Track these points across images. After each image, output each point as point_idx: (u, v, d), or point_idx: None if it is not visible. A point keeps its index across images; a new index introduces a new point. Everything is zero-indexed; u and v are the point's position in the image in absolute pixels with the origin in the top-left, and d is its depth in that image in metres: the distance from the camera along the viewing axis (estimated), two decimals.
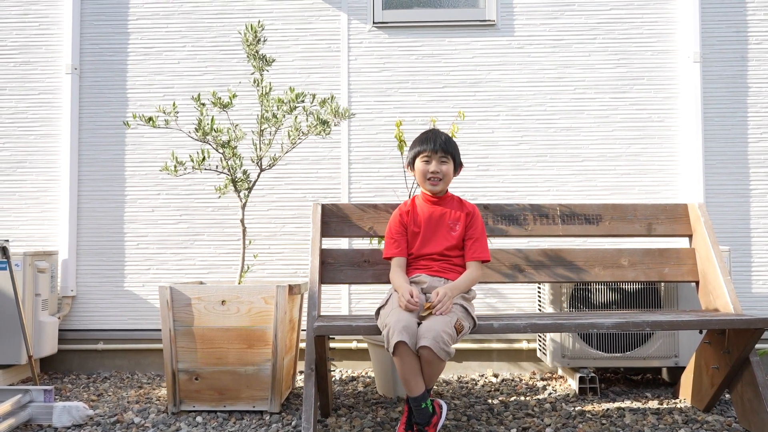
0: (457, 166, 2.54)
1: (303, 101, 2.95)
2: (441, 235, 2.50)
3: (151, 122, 2.87)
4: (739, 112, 3.71)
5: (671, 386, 3.27)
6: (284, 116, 2.96)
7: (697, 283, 2.92)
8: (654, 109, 3.74)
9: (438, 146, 2.48)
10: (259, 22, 3.05)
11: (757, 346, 2.80)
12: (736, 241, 3.64)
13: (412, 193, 3.42)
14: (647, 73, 3.74)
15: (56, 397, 3.09)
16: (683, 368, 3.07)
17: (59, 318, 3.63)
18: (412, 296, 2.24)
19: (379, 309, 2.36)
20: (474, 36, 3.79)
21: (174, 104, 3.00)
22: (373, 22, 3.80)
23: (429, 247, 2.50)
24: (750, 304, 3.60)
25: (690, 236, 2.99)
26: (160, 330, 3.07)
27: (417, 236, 2.51)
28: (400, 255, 2.51)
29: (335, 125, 2.99)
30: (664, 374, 3.41)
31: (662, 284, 3.17)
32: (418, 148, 2.52)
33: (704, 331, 2.84)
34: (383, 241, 3.24)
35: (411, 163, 2.57)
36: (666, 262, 2.94)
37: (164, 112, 2.93)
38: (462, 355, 3.65)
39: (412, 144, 2.57)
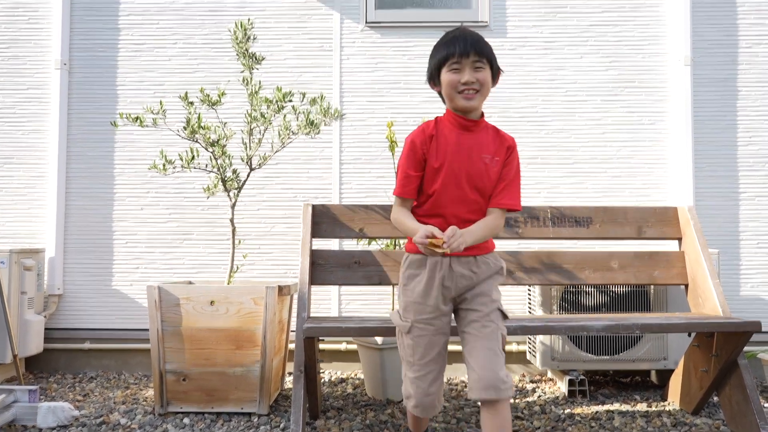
0: (496, 72, 1.95)
1: (291, 100, 2.93)
2: (472, 174, 1.91)
3: (138, 122, 2.84)
4: (729, 115, 3.72)
5: (660, 389, 3.28)
6: (273, 116, 2.94)
7: (687, 285, 2.93)
8: (645, 112, 3.74)
9: (469, 47, 1.87)
10: (249, 19, 3.03)
11: (746, 348, 2.81)
12: (725, 244, 3.66)
13: None
14: (639, 76, 3.75)
15: (41, 397, 3.05)
16: (672, 371, 3.08)
17: (45, 317, 3.59)
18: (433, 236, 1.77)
19: (397, 312, 1.99)
20: None
21: (161, 103, 2.97)
22: (366, 22, 3.78)
23: (452, 192, 1.90)
24: (738, 307, 3.62)
25: (680, 239, 3.00)
26: (148, 330, 3.03)
27: (437, 174, 1.91)
28: (411, 196, 1.96)
29: (325, 125, 2.97)
30: (653, 377, 3.42)
31: (652, 287, 3.18)
32: (444, 52, 1.90)
33: (693, 334, 2.85)
34: (373, 243, 3.23)
35: (434, 77, 1.96)
36: (656, 265, 2.95)
37: (152, 112, 2.90)
38: (452, 357, 3.64)
39: (434, 50, 1.97)
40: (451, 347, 3.58)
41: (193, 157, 2.90)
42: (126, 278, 3.71)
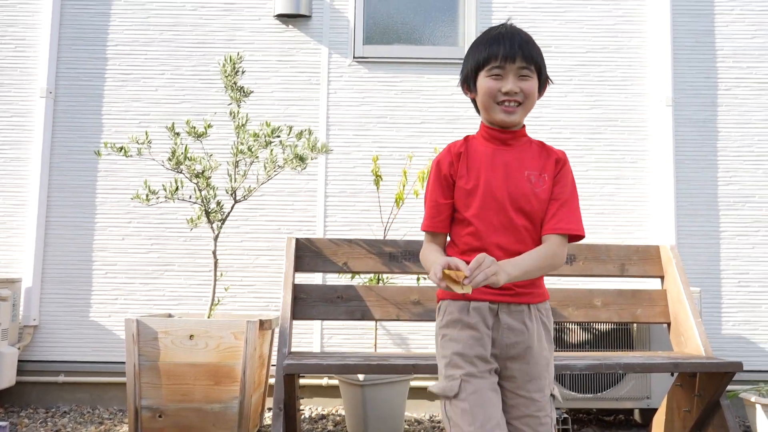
0: (543, 82, 1.63)
1: (279, 136, 2.94)
2: (516, 194, 1.54)
3: (123, 152, 2.83)
4: (709, 155, 3.79)
5: (643, 428, 3.26)
6: (259, 150, 2.94)
7: (669, 324, 2.93)
8: (628, 151, 3.80)
9: (517, 49, 1.54)
10: (238, 53, 3.05)
11: (728, 387, 2.80)
12: (706, 282, 3.68)
13: (388, 228, 3.41)
14: (621, 115, 3.81)
15: None
16: (655, 410, 3.06)
17: (19, 348, 3.50)
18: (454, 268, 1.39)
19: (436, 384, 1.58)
20: (452, 73, 3.83)
21: (147, 133, 2.96)
22: (354, 57, 3.82)
23: (492, 217, 1.53)
24: (720, 345, 3.62)
25: (662, 277, 3.01)
26: (124, 363, 2.98)
27: (471, 197, 1.55)
28: (442, 229, 1.60)
29: (312, 159, 2.98)
30: (637, 416, 3.40)
31: (635, 325, 3.18)
32: (484, 53, 1.56)
33: (676, 374, 2.85)
34: (357, 277, 3.21)
35: (469, 81, 1.61)
36: (638, 303, 2.95)
37: (137, 142, 2.89)
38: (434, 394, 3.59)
39: (472, 48, 1.62)
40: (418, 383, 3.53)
41: (177, 188, 2.89)
42: (104, 310, 3.64)
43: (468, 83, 1.61)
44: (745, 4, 3.86)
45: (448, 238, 1.63)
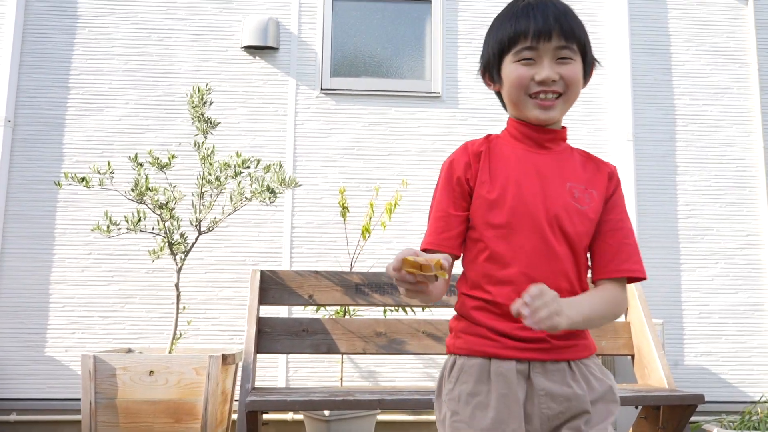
0: (589, 65, 1.28)
1: (249, 167, 2.92)
2: (556, 211, 1.19)
3: (84, 182, 2.77)
4: (669, 189, 3.88)
5: None
6: (228, 180, 2.91)
7: (633, 356, 2.96)
8: None
9: (553, 23, 1.19)
10: (206, 84, 3.03)
11: (692, 418, 2.83)
12: (668, 314, 3.73)
13: (354, 260, 3.39)
14: (583, 148, 3.88)
15: None
16: None
17: None
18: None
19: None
20: (420, 106, 3.88)
21: (109, 164, 2.91)
22: (321, 89, 3.84)
23: (525, 239, 1.17)
24: (683, 376, 3.67)
25: (625, 309, 3.05)
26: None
27: (495, 209, 1.19)
28: (449, 249, 1.21)
29: (280, 193, 2.96)
30: None
31: (599, 357, 3.20)
32: (509, 29, 1.21)
33: (640, 406, 2.86)
34: (322, 310, 3.17)
35: (491, 68, 1.27)
36: (603, 335, 2.98)
37: (99, 172, 2.83)
38: (401, 427, 3.55)
39: (492, 26, 1.27)
40: (401, 417, 3.48)
41: (139, 220, 2.83)
42: (60, 344, 3.51)
43: (490, 72, 1.26)
44: (699, 44, 4.02)
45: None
